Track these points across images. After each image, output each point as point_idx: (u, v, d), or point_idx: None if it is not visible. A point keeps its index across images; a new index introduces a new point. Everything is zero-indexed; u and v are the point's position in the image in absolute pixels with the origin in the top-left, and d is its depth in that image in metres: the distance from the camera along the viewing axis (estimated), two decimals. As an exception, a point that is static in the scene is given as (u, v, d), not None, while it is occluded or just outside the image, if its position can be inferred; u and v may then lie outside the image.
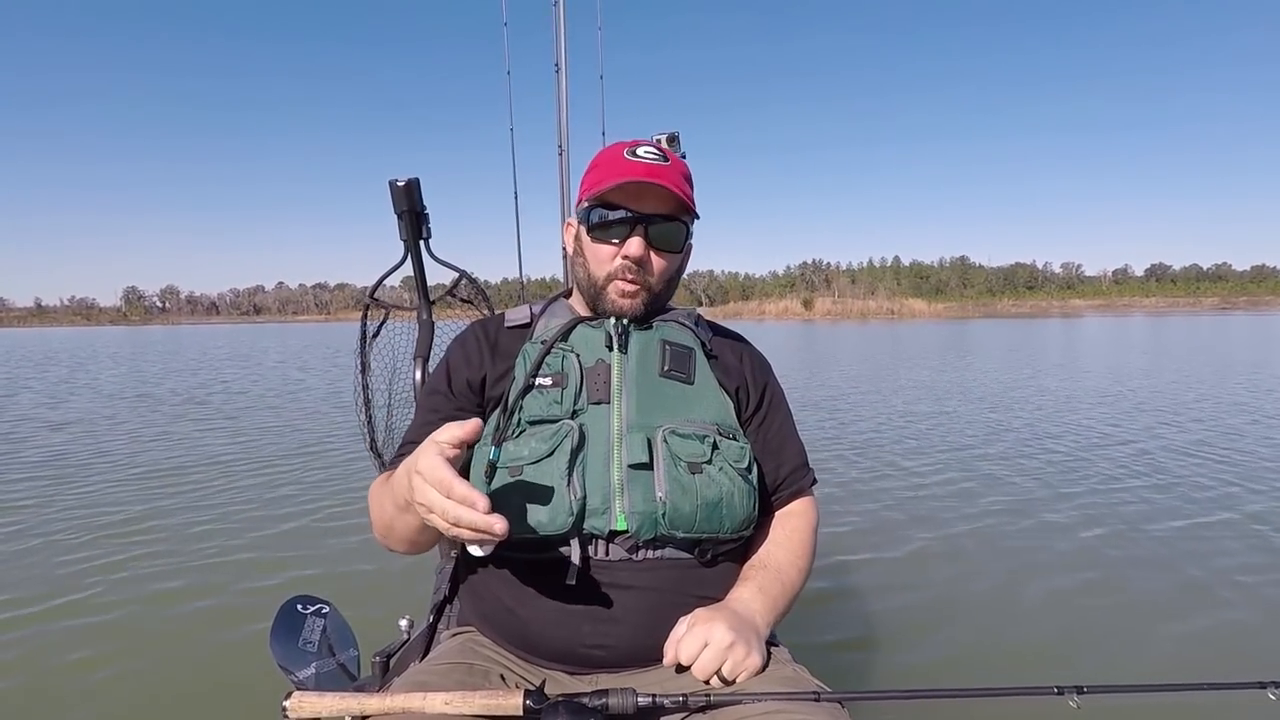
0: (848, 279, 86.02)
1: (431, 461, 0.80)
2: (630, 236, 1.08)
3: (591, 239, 1.11)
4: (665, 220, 1.09)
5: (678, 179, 1.09)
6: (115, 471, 5.48)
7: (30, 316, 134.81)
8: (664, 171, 1.07)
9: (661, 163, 1.08)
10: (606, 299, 1.10)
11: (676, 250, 1.12)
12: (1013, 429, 6.77)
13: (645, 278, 1.10)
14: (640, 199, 1.07)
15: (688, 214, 1.11)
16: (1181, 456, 5.47)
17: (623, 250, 1.08)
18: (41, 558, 3.55)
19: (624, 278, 1.09)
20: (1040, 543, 3.60)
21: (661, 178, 1.06)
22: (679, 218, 1.10)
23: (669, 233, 1.10)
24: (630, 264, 1.08)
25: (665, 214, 1.09)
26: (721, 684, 0.93)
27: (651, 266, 1.10)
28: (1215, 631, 2.65)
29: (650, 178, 1.05)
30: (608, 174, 1.09)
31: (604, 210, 1.08)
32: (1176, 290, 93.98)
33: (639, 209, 1.07)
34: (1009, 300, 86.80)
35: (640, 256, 1.08)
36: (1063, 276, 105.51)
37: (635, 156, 1.09)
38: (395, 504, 0.94)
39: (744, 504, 1.02)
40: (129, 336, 44.02)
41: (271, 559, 3.51)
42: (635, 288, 1.10)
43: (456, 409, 1.10)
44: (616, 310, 1.11)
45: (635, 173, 1.06)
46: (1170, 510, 4.10)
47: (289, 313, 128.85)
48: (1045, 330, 31.23)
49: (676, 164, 1.11)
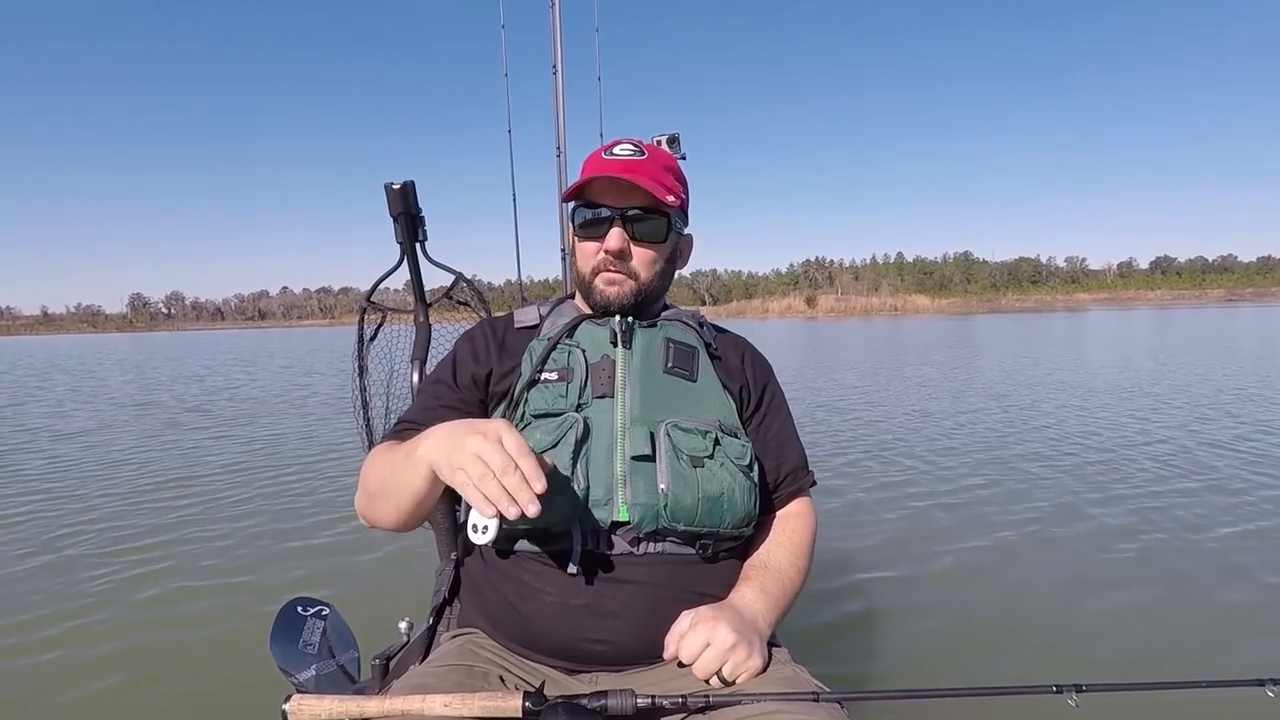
0: (851, 275, 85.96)
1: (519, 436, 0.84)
2: (610, 230, 1.10)
3: (579, 238, 1.15)
4: (644, 212, 1.11)
5: (655, 172, 1.12)
6: (116, 476, 5.48)
7: (37, 324, 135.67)
8: (638, 166, 1.11)
9: (636, 158, 1.12)
10: (595, 291, 1.13)
11: (659, 240, 1.14)
12: (1016, 427, 6.74)
13: (629, 268, 1.13)
14: (617, 195, 1.10)
15: (666, 206, 1.12)
16: (1183, 453, 5.45)
17: (604, 244, 1.11)
18: (42, 559, 3.55)
19: (607, 269, 1.12)
20: (1041, 542, 3.58)
21: (634, 173, 1.09)
22: (659, 209, 1.12)
23: (648, 224, 1.12)
24: (610, 257, 1.11)
25: (643, 207, 1.11)
26: (722, 684, 0.93)
27: (634, 258, 1.13)
28: (1215, 629, 2.64)
29: (623, 174, 1.08)
30: (585, 174, 1.13)
31: (586, 209, 1.13)
32: (1182, 283, 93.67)
33: (616, 204, 1.11)
34: (1013, 295, 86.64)
35: (620, 249, 1.11)
36: (1067, 270, 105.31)
37: (611, 155, 1.12)
38: (408, 454, 0.94)
39: (745, 500, 1.03)
40: (135, 343, 44.21)
41: (272, 561, 3.50)
42: (621, 277, 1.12)
43: (459, 400, 1.13)
44: (604, 300, 1.13)
45: (609, 169, 1.10)
46: (1170, 509, 4.07)
47: (293, 317, 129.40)
48: (1051, 325, 31.16)
49: (656, 158, 1.14)
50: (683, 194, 1.18)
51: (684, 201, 1.18)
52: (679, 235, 1.19)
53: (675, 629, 0.96)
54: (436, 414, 1.08)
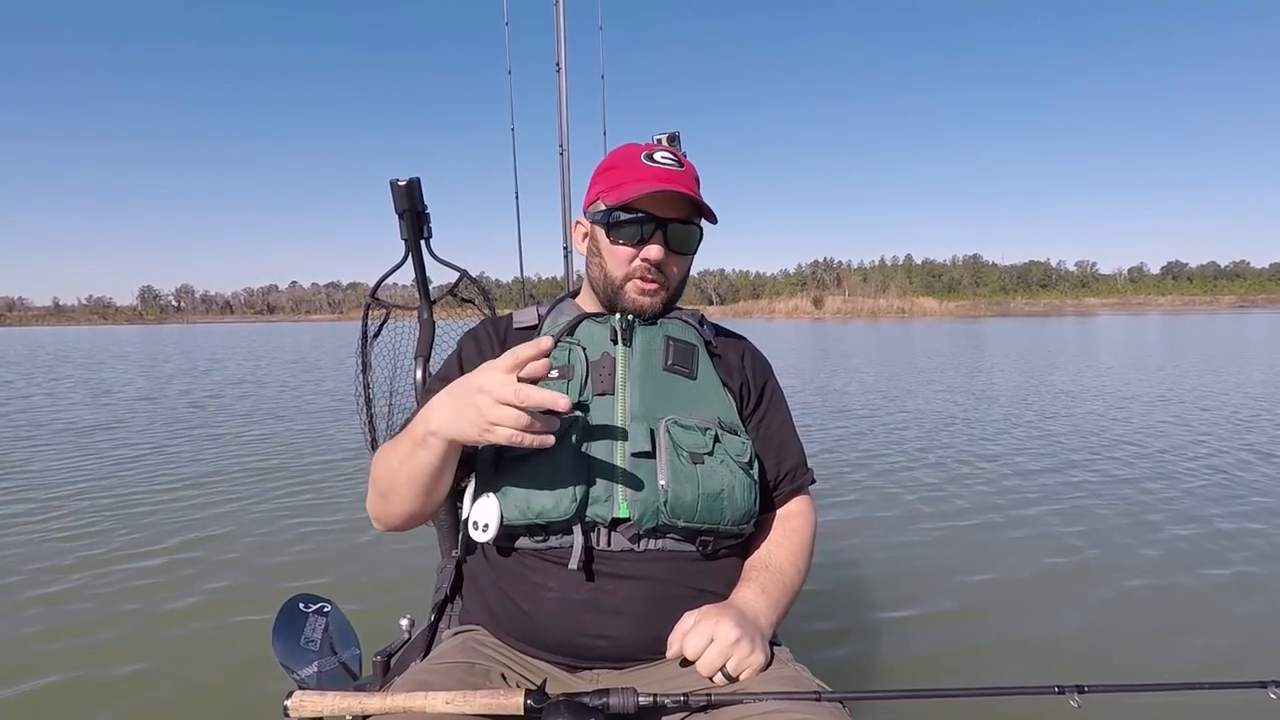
0: (859, 277, 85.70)
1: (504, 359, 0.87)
2: (651, 239, 1.11)
3: (610, 240, 1.13)
4: (682, 223, 1.12)
5: (693, 184, 1.13)
6: (117, 472, 5.50)
7: (48, 315, 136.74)
8: (682, 178, 1.11)
9: (678, 168, 1.12)
10: (625, 297, 1.13)
11: (691, 251, 1.16)
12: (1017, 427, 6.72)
13: (663, 278, 1.13)
14: (659, 203, 1.10)
15: (703, 217, 1.14)
16: (1191, 450, 5.41)
17: (642, 253, 1.11)
18: (43, 558, 3.55)
19: (644, 278, 1.12)
20: (1041, 542, 3.57)
21: (681, 184, 1.10)
22: (694, 221, 1.14)
23: (685, 235, 1.13)
24: (650, 266, 1.11)
25: (682, 218, 1.12)
26: (726, 681, 0.93)
27: (669, 267, 1.14)
28: (1216, 630, 2.63)
29: (672, 184, 1.09)
30: (628, 178, 1.12)
31: (624, 213, 1.11)
32: (1193, 288, 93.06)
33: (659, 213, 1.10)
34: (1022, 299, 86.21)
35: (660, 259, 1.11)
36: (1077, 275, 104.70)
37: (654, 162, 1.12)
38: (411, 439, 0.96)
39: (745, 497, 1.04)
40: (146, 335, 44.44)
41: (274, 558, 3.50)
42: (655, 287, 1.13)
43: None
44: (635, 308, 1.13)
45: (658, 179, 1.10)
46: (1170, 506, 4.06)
47: (302, 311, 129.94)
48: (1061, 329, 30.99)
49: (689, 168, 1.15)
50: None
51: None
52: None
53: (678, 628, 0.97)
54: None
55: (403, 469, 0.98)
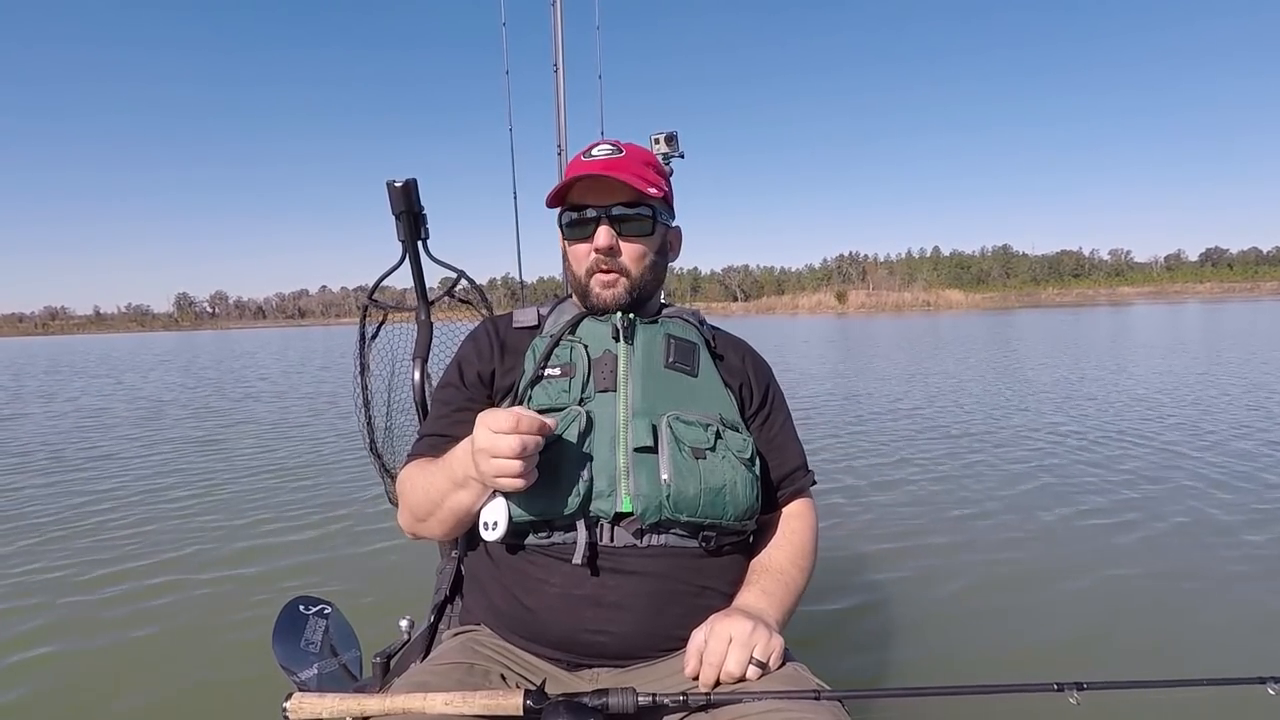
0: (885, 270, 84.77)
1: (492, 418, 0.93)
2: (597, 229, 1.12)
3: (569, 242, 1.17)
4: (628, 208, 1.13)
5: (634, 167, 1.13)
6: (118, 473, 5.59)
7: (89, 323, 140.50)
8: (617, 164, 1.12)
9: (614, 156, 1.13)
10: (591, 294, 1.15)
11: (646, 234, 1.16)
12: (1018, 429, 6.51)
13: (620, 264, 1.14)
14: (600, 194, 1.12)
15: (650, 199, 1.13)
16: (1200, 450, 5.29)
17: (593, 244, 1.12)
18: (42, 559, 3.60)
19: (600, 269, 1.14)
20: (1041, 542, 3.52)
21: (613, 170, 1.10)
22: (643, 204, 1.13)
23: (633, 219, 1.14)
24: (601, 256, 1.12)
25: (627, 203, 1.12)
26: (759, 669, 0.93)
27: (624, 254, 1.14)
28: (1216, 627, 2.59)
29: (603, 171, 1.10)
30: (566, 178, 1.15)
31: (570, 211, 1.15)
32: (1234, 275, 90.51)
33: (599, 203, 1.12)
34: (1053, 289, 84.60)
35: (609, 246, 1.12)
36: (1111, 263, 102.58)
37: (590, 156, 1.15)
38: (452, 480, 1.01)
39: (746, 493, 1.04)
40: (181, 342, 45.44)
41: (274, 560, 3.52)
42: (612, 277, 1.14)
43: (467, 400, 1.15)
44: (600, 303, 1.15)
45: (588, 169, 1.11)
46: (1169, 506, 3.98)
47: (331, 315, 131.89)
48: (1095, 319, 30.30)
49: (635, 155, 1.16)
50: (665, 186, 1.18)
51: (667, 193, 1.19)
52: (666, 227, 1.20)
53: (693, 644, 0.96)
54: (451, 421, 1.13)
55: (445, 504, 1.03)
